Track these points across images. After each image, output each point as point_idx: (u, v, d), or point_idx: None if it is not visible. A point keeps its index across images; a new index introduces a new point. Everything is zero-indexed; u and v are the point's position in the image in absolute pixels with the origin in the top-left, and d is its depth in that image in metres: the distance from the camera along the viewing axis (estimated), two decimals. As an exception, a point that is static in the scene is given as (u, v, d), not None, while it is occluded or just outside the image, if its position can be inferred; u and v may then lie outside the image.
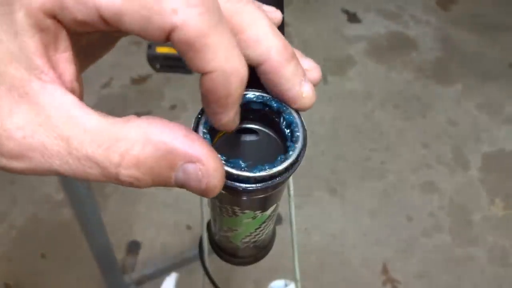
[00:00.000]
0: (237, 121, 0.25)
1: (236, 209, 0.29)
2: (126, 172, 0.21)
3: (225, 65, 0.22)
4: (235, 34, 0.24)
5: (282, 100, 0.26)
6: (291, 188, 0.51)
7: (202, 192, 0.23)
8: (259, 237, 0.34)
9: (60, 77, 0.22)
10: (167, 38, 0.21)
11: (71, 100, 0.22)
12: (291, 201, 0.52)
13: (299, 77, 0.26)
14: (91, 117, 0.21)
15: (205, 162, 0.22)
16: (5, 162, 0.22)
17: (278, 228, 0.40)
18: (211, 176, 0.22)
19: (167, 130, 0.22)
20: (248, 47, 0.24)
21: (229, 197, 0.28)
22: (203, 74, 0.22)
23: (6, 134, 0.21)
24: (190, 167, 0.22)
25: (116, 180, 0.22)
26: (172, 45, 0.22)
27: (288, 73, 0.25)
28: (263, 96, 0.26)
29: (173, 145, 0.22)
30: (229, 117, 0.24)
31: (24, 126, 0.21)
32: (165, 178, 0.22)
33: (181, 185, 0.22)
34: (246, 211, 0.29)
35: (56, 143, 0.21)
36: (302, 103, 0.26)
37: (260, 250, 0.39)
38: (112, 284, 1.28)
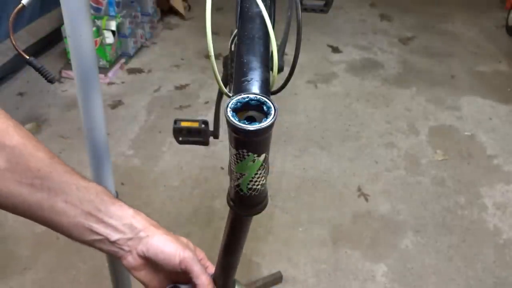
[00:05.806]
0: None
1: (244, 152, 0.43)
2: None
3: None
4: None
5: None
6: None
7: None
8: (257, 185, 0.48)
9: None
10: None
11: None
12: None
13: None
14: None
15: None
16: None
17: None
18: None
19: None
20: None
21: (240, 140, 0.43)
22: None
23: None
24: None
25: None
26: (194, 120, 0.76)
27: None
28: (256, 98, 0.44)
29: None
30: None
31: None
32: None
33: None
34: (249, 153, 0.43)
35: None
36: None
37: (258, 204, 0.53)
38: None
